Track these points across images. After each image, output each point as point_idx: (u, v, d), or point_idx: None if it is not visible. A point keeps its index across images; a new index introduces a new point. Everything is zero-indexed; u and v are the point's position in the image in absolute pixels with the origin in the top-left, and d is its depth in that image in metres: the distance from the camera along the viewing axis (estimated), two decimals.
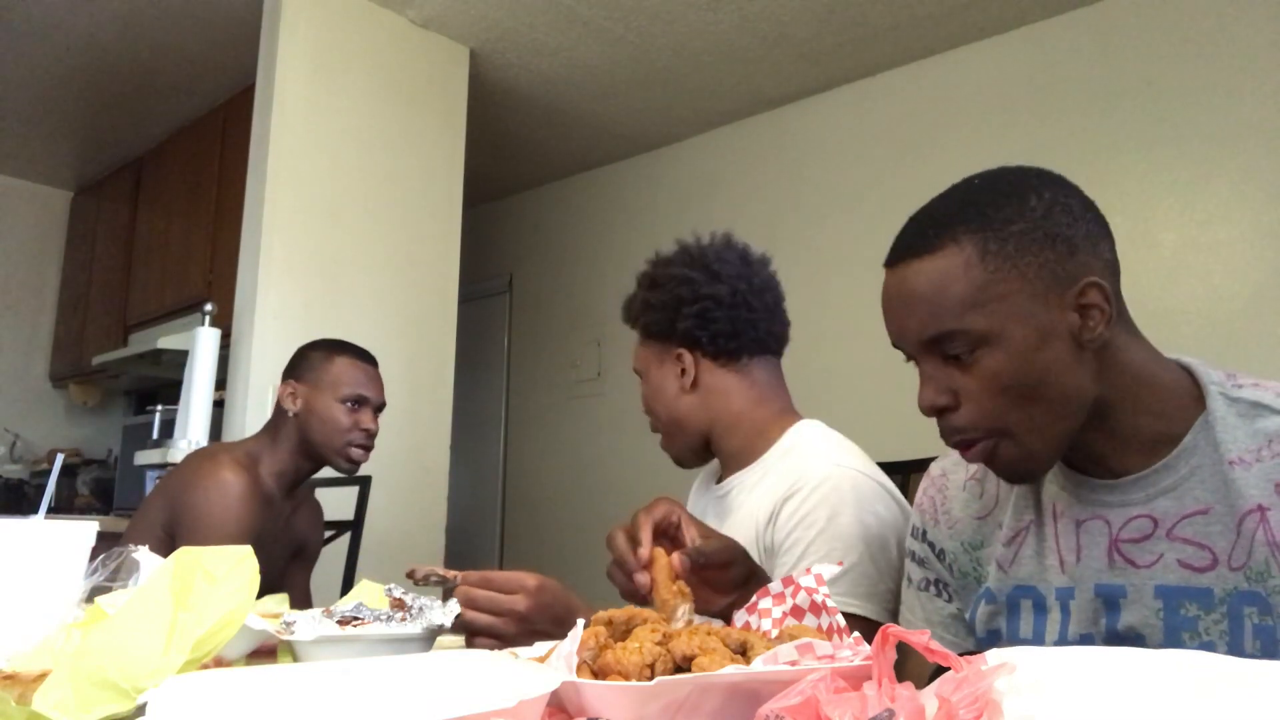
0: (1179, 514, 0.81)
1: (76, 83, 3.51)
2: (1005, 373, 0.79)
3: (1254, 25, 2.58)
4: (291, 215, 2.69)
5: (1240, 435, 0.79)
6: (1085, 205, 0.83)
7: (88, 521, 0.79)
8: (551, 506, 4.11)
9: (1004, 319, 0.79)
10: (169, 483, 1.69)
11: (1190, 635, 0.79)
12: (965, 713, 0.42)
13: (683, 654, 0.57)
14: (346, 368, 1.75)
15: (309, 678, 0.54)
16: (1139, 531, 0.83)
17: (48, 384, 4.40)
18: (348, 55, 2.87)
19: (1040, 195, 0.81)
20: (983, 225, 0.80)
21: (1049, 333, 0.79)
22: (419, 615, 0.87)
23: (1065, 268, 0.79)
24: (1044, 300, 0.79)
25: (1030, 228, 0.79)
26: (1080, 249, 0.80)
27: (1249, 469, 0.78)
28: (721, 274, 1.26)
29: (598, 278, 4.14)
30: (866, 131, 3.36)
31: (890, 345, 0.92)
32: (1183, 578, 0.80)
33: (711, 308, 1.24)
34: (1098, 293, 0.79)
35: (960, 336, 0.80)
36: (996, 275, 0.79)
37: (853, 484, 1.16)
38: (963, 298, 0.79)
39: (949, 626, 0.98)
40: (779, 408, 1.30)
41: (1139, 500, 0.83)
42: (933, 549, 0.98)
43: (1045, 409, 0.80)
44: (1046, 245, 0.79)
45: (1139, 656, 0.51)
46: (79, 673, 0.57)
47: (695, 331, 1.25)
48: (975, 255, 0.79)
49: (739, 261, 1.29)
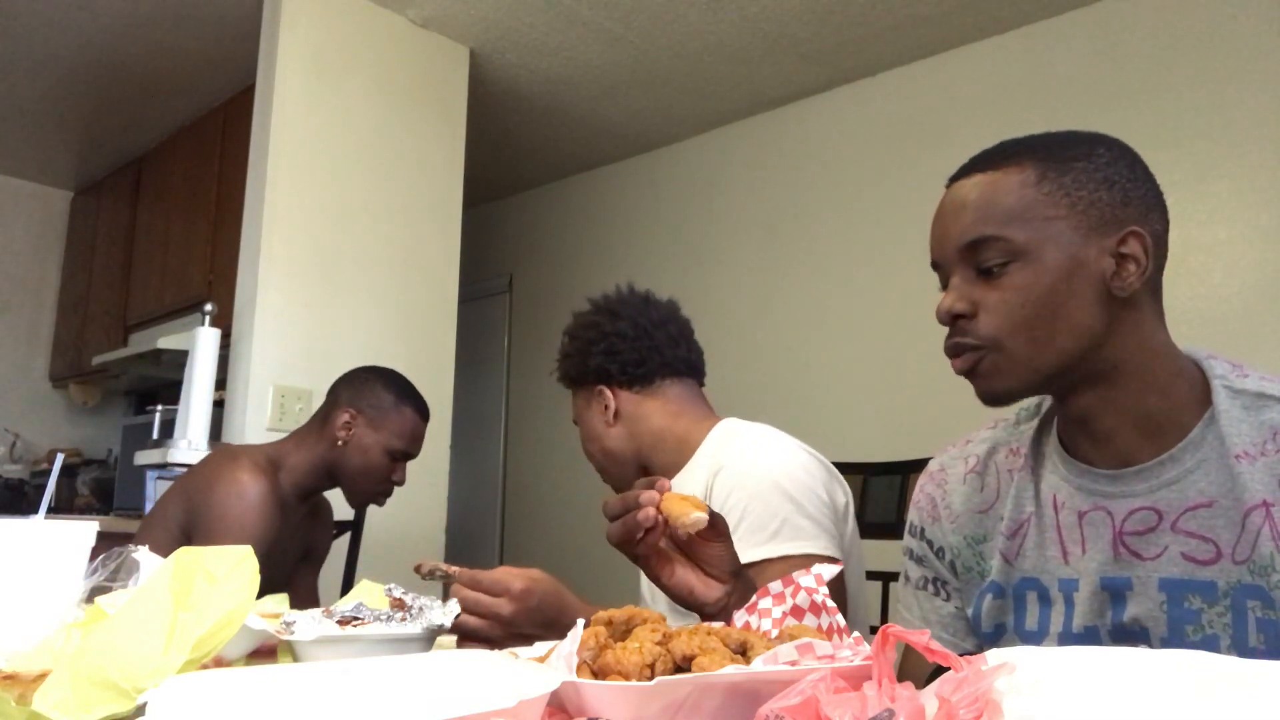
0: (1183, 506, 0.81)
1: (76, 83, 3.51)
2: (1030, 289, 0.81)
3: (1254, 25, 2.58)
4: (291, 215, 2.69)
5: (1245, 429, 0.79)
6: (1149, 178, 0.85)
7: (88, 521, 0.79)
8: (551, 506, 4.11)
9: (1043, 239, 0.81)
10: (187, 483, 1.67)
11: (1194, 628, 0.79)
12: (965, 713, 0.42)
13: (683, 654, 0.57)
14: (409, 421, 1.74)
15: (309, 678, 0.54)
16: (1143, 524, 0.83)
17: (48, 384, 4.40)
18: (348, 55, 2.87)
19: (1110, 149, 0.85)
20: (1048, 155, 0.84)
21: (1081, 266, 0.81)
22: (419, 615, 0.87)
23: (1115, 212, 0.82)
24: (1086, 235, 0.81)
25: (1092, 168, 0.83)
26: (1133, 203, 0.82)
27: (1254, 463, 0.78)
28: (621, 313, 1.40)
29: (598, 278, 4.12)
30: (866, 131, 3.36)
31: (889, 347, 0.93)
32: (1186, 570, 0.80)
33: (616, 342, 1.37)
34: (1138, 244, 0.81)
35: (997, 245, 0.82)
36: (1049, 198, 0.82)
37: (774, 447, 1.28)
38: (1011, 209, 0.82)
39: (947, 625, 0.97)
40: (697, 416, 1.39)
41: (1142, 492, 0.83)
42: (931, 547, 0.98)
43: (1048, 335, 0.82)
44: (1103, 187, 0.82)
45: (1139, 656, 0.51)
46: (79, 673, 0.57)
47: (607, 366, 1.37)
48: (1034, 176, 0.83)
49: (640, 302, 1.43)
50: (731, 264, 3.67)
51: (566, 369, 1.44)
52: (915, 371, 3.02)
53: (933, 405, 3.00)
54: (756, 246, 3.61)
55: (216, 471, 1.63)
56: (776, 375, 3.43)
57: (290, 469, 1.70)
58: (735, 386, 3.08)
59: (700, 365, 1.45)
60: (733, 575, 0.91)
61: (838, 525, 1.25)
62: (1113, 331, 0.82)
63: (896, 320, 3.12)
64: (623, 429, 1.38)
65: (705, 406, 1.43)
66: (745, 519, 1.18)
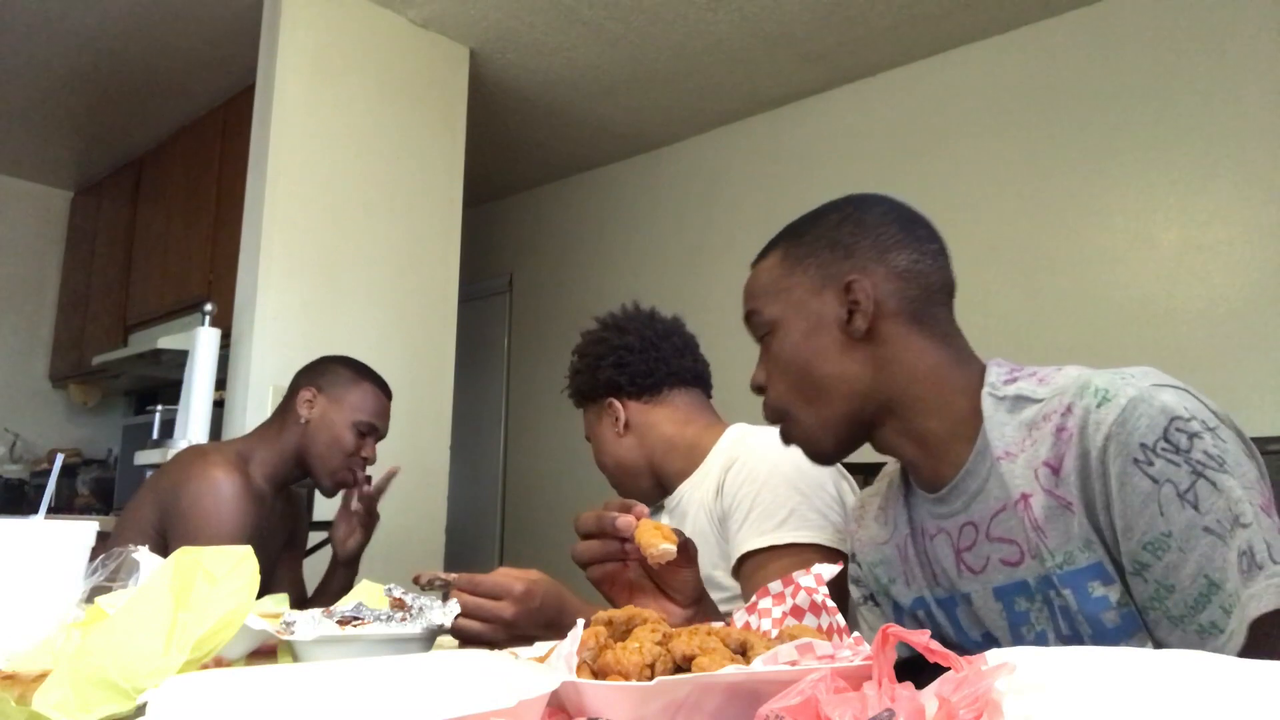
0: (988, 514, 0.85)
1: (76, 82, 3.51)
2: (783, 354, 0.93)
3: (1254, 25, 2.58)
4: (291, 215, 2.69)
5: (1008, 430, 0.84)
6: (886, 220, 0.92)
7: (88, 521, 0.79)
8: (551, 506, 4.11)
9: (785, 307, 0.93)
10: (158, 483, 1.67)
11: (1027, 629, 0.83)
12: (965, 713, 0.42)
13: (683, 654, 0.57)
14: (370, 395, 1.76)
15: (309, 678, 0.54)
16: (969, 539, 0.87)
17: (48, 384, 4.40)
18: (348, 55, 2.87)
19: (841, 212, 0.95)
20: (790, 234, 0.97)
21: (820, 322, 0.91)
22: (419, 615, 0.87)
23: (837, 267, 0.91)
24: (819, 295, 0.92)
25: (818, 236, 0.94)
26: (858, 254, 0.91)
27: (1015, 460, 0.82)
28: (628, 328, 1.45)
29: (598, 278, 4.14)
30: (866, 131, 3.36)
31: None
32: (1007, 575, 0.84)
33: (624, 355, 1.42)
34: (859, 290, 0.89)
35: (756, 319, 0.96)
36: (786, 271, 0.95)
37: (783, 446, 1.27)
38: (762, 287, 0.97)
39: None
40: (706, 423, 1.42)
41: (960, 509, 0.88)
42: (860, 568, 1.05)
43: (815, 393, 0.91)
44: (826, 249, 0.93)
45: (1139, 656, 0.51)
46: (79, 673, 0.57)
47: (616, 378, 1.41)
48: (779, 256, 0.97)
49: (646, 317, 1.48)
50: (731, 264, 3.67)
51: (577, 385, 1.47)
52: None
53: None
54: (756, 246, 3.57)
55: (187, 470, 1.62)
56: None
57: (260, 461, 1.70)
58: (736, 386, 3.06)
59: (707, 376, 1.49)
60: (695, 602, 0.95)
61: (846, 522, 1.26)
62: (875, 370, 0.89)
63: None
64: (633, 439, 1.42)
65: (713, 414, 1.46)
66: (755, 508, 1.21)
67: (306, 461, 1.73)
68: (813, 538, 1.19)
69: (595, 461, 1.50)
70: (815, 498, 1.22)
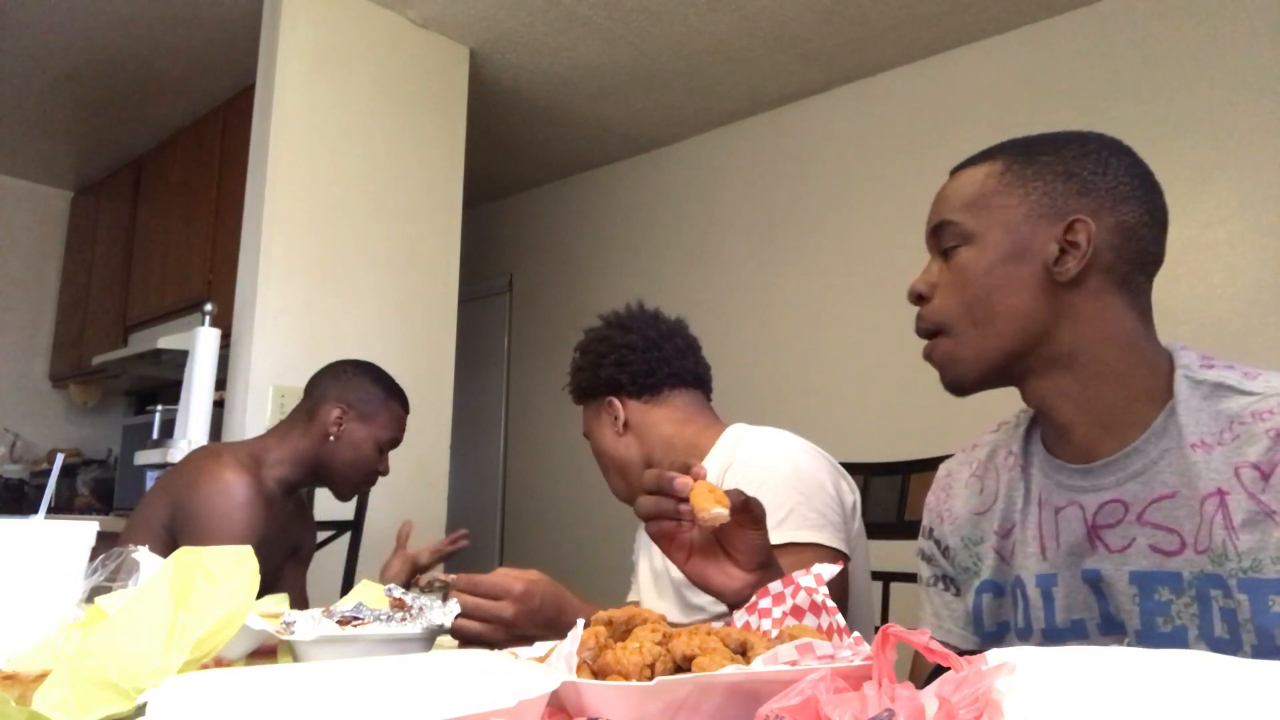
0: (1148, 498, 0.82)
1: (76, 82, 3.51)
2: (970, 270, 0.86)
3: (1254, 25, 2.58)
4: (291, 215, 2.69)
5: (1203, 418, 0.80)
6: (1130, 173, 0.86)
7: (88, 521, 0.79)
8: (551, 506, 4.11)
9: (991, 224, 0.86)
10: (170, 483, 1.67)
11: (1164, 620, 0.80)
12: (965, 713, 0.42)
13: (683, 654, 0.57)
14: (398, 415, 1.78)
15: (309, 678, 0.54)
16: (1112, 516, 0.84)
17: (48, 384, 4.40)
18: (348, 55, 2.87)
19: (1084, 145, 0.87)
20: (1021, 150, 0.89)
21: (1025, 251, 0.84)
22: (419, 615, 0.87)
23: (1067, 202, 0.84)
24: (1034, 222, 0.85)
25: (1055, 161, 0.86)
26: (1092, 194, 0.84)
27: (1210, 452, 0.78)
28: (631, 327, 1.44)
29: (598, 278, 4.14)
30: (866, 131, 3.36)
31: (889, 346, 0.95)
32: (1154, 562, 0.81)
33: (627, 354, 1.41)
34: (1083, 231, 0.83)
35: (951, 229, 0.88)
36: (1006, 188, 0.86)
37: (782, 445, 1.31)
38: (969, 197, 0.88)
39: (959, 620, 0.99)
40: (705, 423, 1.42)
41: (1110, 485, 0.84)
42: (939, 545, 1.01)
43: (986, 319, 0.85)
44: (1060, 179, 0.85)
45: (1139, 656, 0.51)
46: (79, 673, 0.57)
47: (617, 376, 1.41)
48: (999, 168, 0.88)
49: (649, 317, 1.47)
50: (731, 264, 3.67)
51: (579, 382, 1.48)
52: (916, 371, 3.01)
53: (933, 405, 2.99)
54: (756, 246, 3.61)
55: (199, 471, 1.62)
56: (776, 375, 3.43)
57: (273, 464, 1.69)
58: (735, 386, 3.07)
59: (708, 378, 1.49)
60: (761, 566, 0.91)
61: (845, 522, 1.27)
62: (1062, 319, 0.84)
63: (897, 320, 3.11)
64: (633, 438, 1.42)
65: (712, 415, 1.46)
66: None
67: (326, 473, 1.73)
68: (812, 537, 1.19)
69: (596, 462, 1.50)
70: (814, 497, 1.23)
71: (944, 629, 0.99)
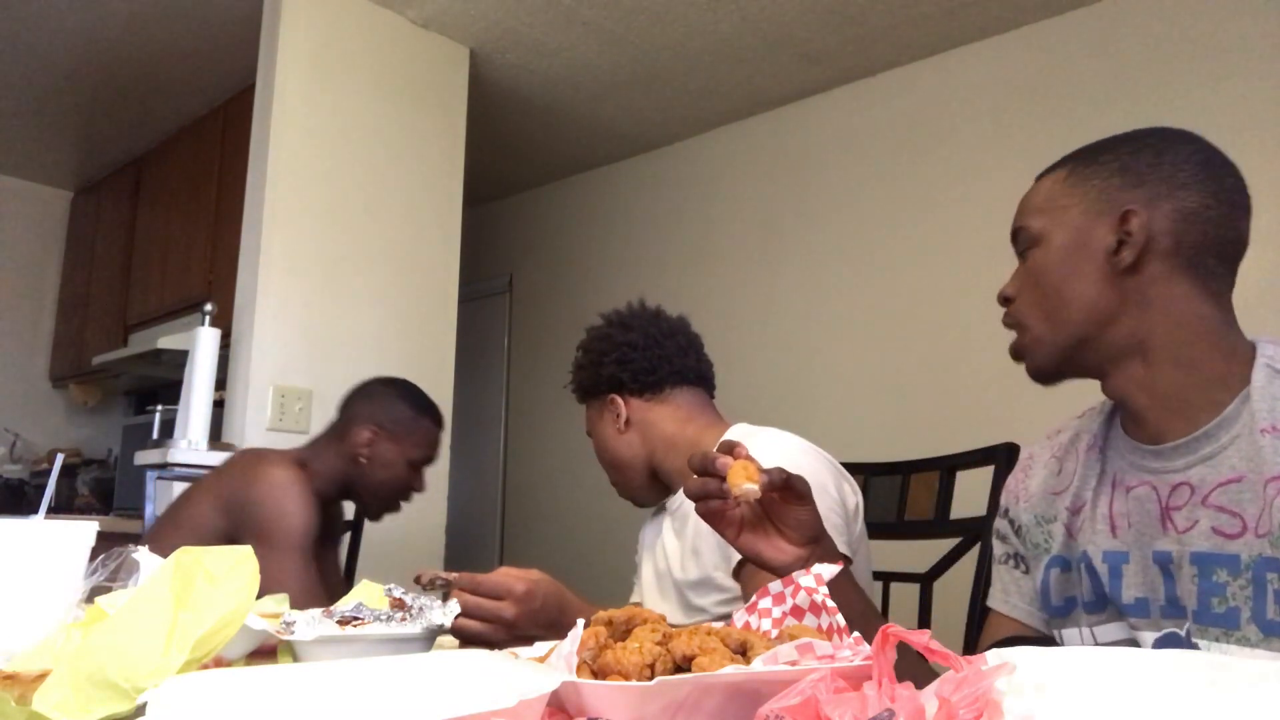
0: (1215, 481, 0.83)
1: (76, 82, 3.51)
2: (1039, 267, 0.92)
3: (1254, 25, 2.58)
4: (291, 215, 2.70)
5: (1277, 405, 0.81)
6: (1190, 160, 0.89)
7: (88, 521, 0.79)
8: (551, 506, 4.11)
9: (1055, 224, 0.92)
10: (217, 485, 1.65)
11: (1219, 601, 0.82)
12: (965, 713, 0.42)
13: (683, 654, 0.57)
14: (430, 433, 1.76)
15: (309, 678, 0.54)
16: (1180, 499, 0.85)
17: (48, 384, 4.40)
18: (348, 55, 2.87)
19: (1143, 140, 0.92)
20: (1087, 154, 0.94)
21: (1086, 245, 0.89)
22: (419, 615, 0.87)
23: (1121, 195, 0.89)
24: (1094, 218, 0.89)
25: (1112, 159, 0.91)
26: (1146, 185, 0.88)
27: (1279, 437, 0.80)
28: (633, 325, 1.45)
29: (598, 278, 4.14)
30: (866, 131, 3.36)
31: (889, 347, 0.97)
32: (1215, 544, 0.82)
33: (628, 351, 1.42)
34: (1135, 220, 0.87)
35: (1024, 233, 0.95)
36: (1069, 190, 0.92)
37: (785, 447, 1.31)
38: (1038, 204, 0.95)
39: (1026, 597, 1.02)
40: (707, 421, 1.42)
41: (1180, 467, 0.86)
42: (1012, 525, 1.04)
43: (1055, 308, 0.91)
44: (1116, 175, 0.90)
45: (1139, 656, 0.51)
46: (79, 673, 0.57)
47: (619, 374, 1.42)
48: (1064, 174, 0.94)
49: (651, 315, 1.48)
50: (731, 264, 3.67)
51: (580, 380, 1.48)
52: (916, 371, 3.02)
53: (934, 405, 3.00)
54: (756, 246, 3.61)
55: (253, 472, 1.62)
56: (777, 375, 3.43)
57: (313, 474, 1.69)
58: (736, 386, 3.07)
59: (710, 376, 1.49)
60: (811, 541, 0.93)
61: (847, 523, 1.27)
62: (1129, 305, 0.88)
63: (898, 320, 3.12)
64: (634, 436, 1.42)
65: (715, 413, 1.46)
66: None
67: (358, 493, 1.73)
68: None
69: (597, 459, 1.50)
70: (817, 500, 1.22)
71: (1010, 603, 1.02)
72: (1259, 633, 0.79)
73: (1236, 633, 0.81)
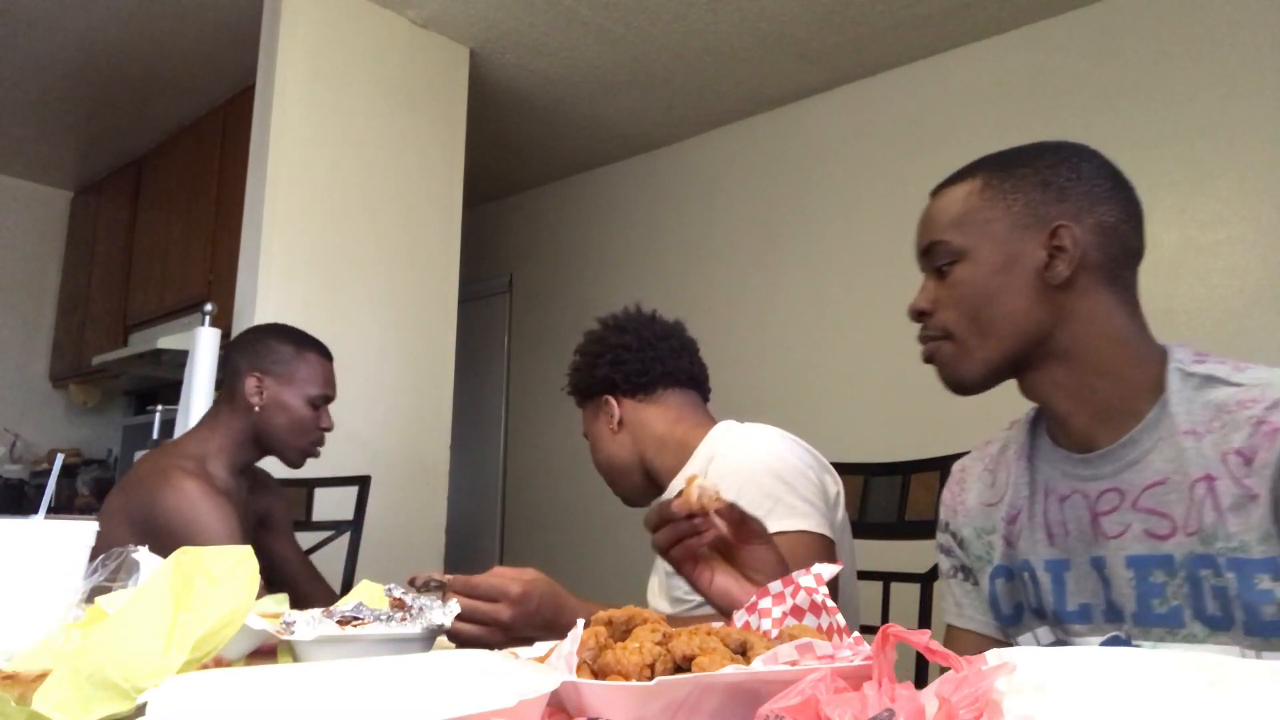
0: (1141, 485, 0.86)
1: (76, 82, 3.51)
2: (966, 284, 0.91)
3: (1254, 25, 2.58)
4: (291, 215, 2.69)
5: (1195, 408, 0.84)
6: (1103, 175, 0.91)
7: (88, 521, 0.79)
8: (551, 506, 4.11)
9: (979, 239, 0.91)
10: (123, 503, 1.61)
11: (1159, 601, 0.85)
12: (965, 713, 0.42)
13: (683, 654, 0.57)
14: (317, 366, 1.72)
15: (309, 678, 0.54)
16: (1109, 504, 0.88)
17: (48, 384, 4.40)
18: (348, 55, 2.87)
19: (1057, 154, 0.92)
20: (997, 166, 0.94)
21: (1015, 260, 0.90)
22: (419, 615, 0.87)
23: (1048, 210, 0.89)
24: (1020, 233, 0.90)
25: (1032, 173, 0.91)
26: (1070, 200, 0.89)
27: (1201, 439, 0.83)
28: (627, 328, 1.47)
29: (598, 278, 4.14)
30: (866, 131, 3.36)
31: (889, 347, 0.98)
32: (1149, 546, 0.85)
33: (621, 353, 1.44)
34: (1067, 235, 0.88)
35: (941, 247, 0.93)
36: (988, 203, 0.92)
37: (764, 437, 1.35)
38: (955, 216, 0.93)
39: (979, 608, 1.03)
40: (696, 422, 1.44)
41: (1108, 474, 0.89)
42: (954, 538, 1.05)
43: (988, 327, 0.90)
44: (1038, 189, 0.90)
45: (1139, 656, 0.51)
46: (79, 673, 0.57)
47: (612, 375, 1.44)
48: (979, 185, 0.93)
49: (645, 319, 1.50)
50: (731, 264, 3.67)
51: (576, 383, 1.51)
52: (916, 372, 3.00)
53: (933, 406, 2.99)
54: (756, 246, 3.61)
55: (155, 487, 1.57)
56: (777, 375, 3.43)
57: (216, 455, 1.67)
58: (735, 386, 3.07)
59: (703, 379, 1.51)
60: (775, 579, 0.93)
61: (829, 509, 1.29)
62: (1058, 319, 0.89)
63: (897, 320, 3.10)
64: (627, 436, 1.45)
65: (705, 414, 1.48)
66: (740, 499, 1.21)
67: (268, 444, 1.70)
68: (799, 525, 1.22)
69: (593, 460, 1.52)
70: (800, 486, 1.25)
71: (966, 616, 1.03)
72: (1205, 629, 0.82)
73: (1182, 630, 0.83)
